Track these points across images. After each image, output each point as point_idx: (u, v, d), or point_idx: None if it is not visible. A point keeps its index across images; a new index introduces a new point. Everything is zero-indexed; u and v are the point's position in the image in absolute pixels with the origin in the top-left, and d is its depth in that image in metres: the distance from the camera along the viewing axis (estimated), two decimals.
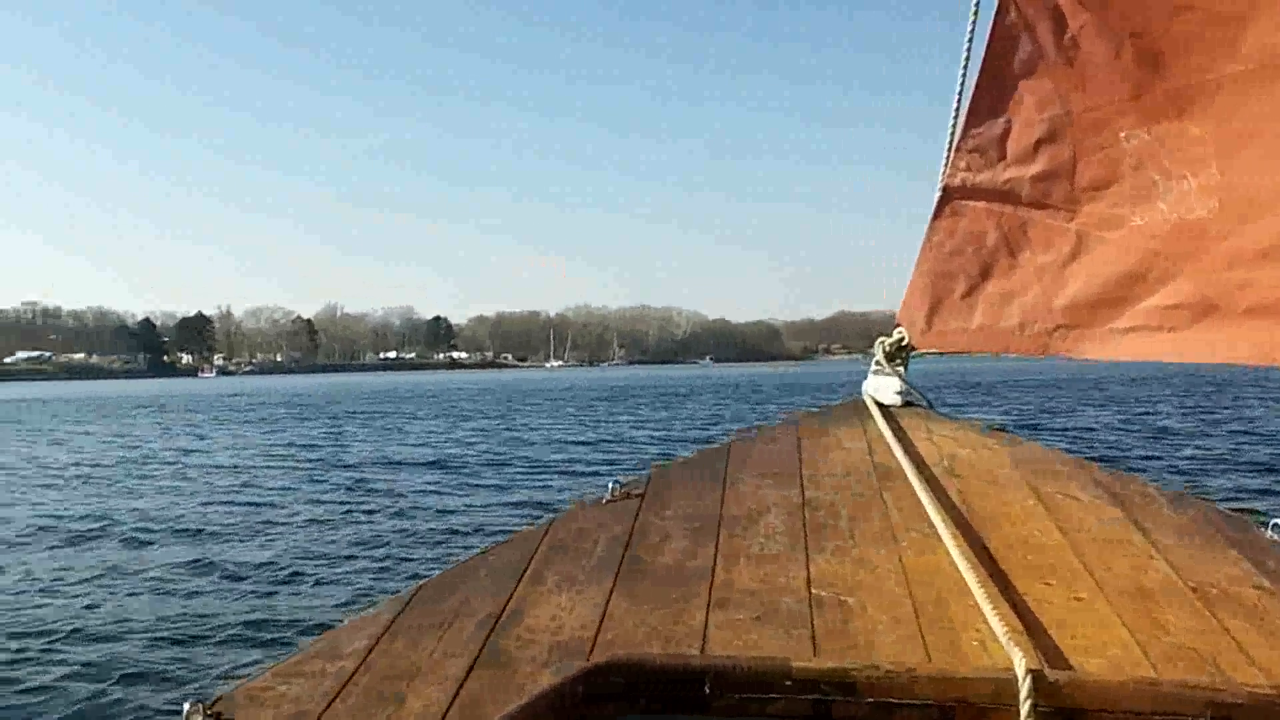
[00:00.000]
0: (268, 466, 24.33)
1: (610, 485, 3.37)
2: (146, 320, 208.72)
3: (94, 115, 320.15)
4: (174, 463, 26.10)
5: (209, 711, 2.11)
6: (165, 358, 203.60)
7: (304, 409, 56.58)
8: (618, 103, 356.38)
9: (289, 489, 19.59)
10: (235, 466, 24.66)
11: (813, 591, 2.53)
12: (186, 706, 2.10)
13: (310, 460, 25.63)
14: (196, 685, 7.61)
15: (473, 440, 30.68)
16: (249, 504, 17.67)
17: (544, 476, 20.73)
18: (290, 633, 9.05)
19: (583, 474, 21.19)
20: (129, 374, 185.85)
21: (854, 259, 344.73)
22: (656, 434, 31.88)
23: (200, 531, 14.77)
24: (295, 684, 2.24)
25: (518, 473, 21.40)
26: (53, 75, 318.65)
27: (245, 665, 8.07)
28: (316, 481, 20.80)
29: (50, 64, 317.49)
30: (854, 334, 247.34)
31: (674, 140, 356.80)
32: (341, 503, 17.30)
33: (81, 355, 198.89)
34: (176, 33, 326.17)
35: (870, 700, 2.01)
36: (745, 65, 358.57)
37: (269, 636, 9.02)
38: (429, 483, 19.97)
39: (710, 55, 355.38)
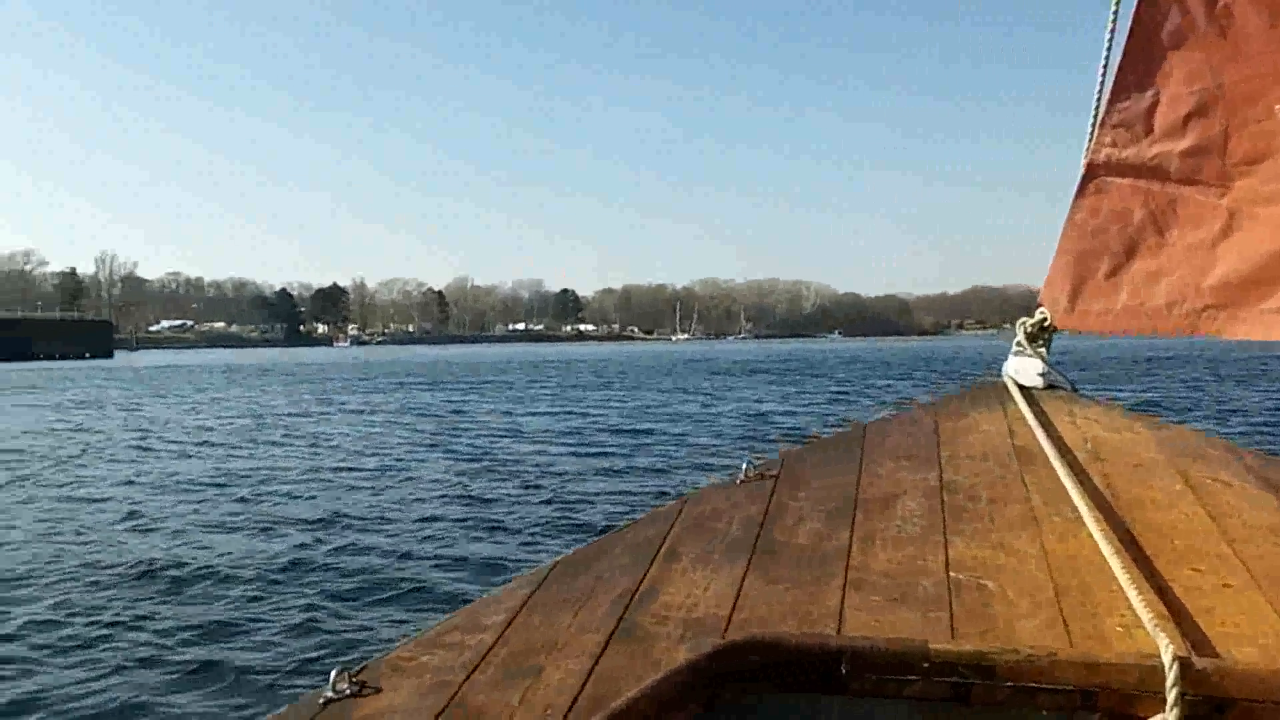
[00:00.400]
0: (398, 436, 24.64)
1: (744, 465, 3.34)
2: (284, 291, 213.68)
3: (234, 94, 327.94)
4: (308, 431, 26.71)
5: (354, 679, 2.15)
6: (301, 327, 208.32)
7: (435, 378, 57.42)
8: (756, 79, 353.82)
9: (420, 460, 19.77)
10: (365, 435, 25.11)
11: (951, 574, 2.49)
12: (333, 674, 2.14)
13: (441, 430, 25.85)
14: (340, 653, 7.66)
15: (600, 413, 30.77)
16: (380, 472, 17.90)
17: (673, 450, 20.58)
18: (428, 604, 9.06)
19: (710, 447, 20.99)
20: (267, 342, 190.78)
21: (991, 233, 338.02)
22: (784, 408, 31.61)
23: (334, 500, 14.98)
24: (437, 654, 2.27)
25: (646, 446, 21.30)
26: (158, 65, 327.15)
27: (386, 635, 8.07)
28: (448, 452, 20.98)
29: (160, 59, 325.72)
30: (988, 309, 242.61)
31: (804, 112, 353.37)
32: (473, 475, 17.32)
33: (222, 324, 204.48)
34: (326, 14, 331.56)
35: (1010, 684, 1.98)
36: (883, 39, 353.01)
37: (407, 608, 9.03)
38: (558, 455, 20.02)
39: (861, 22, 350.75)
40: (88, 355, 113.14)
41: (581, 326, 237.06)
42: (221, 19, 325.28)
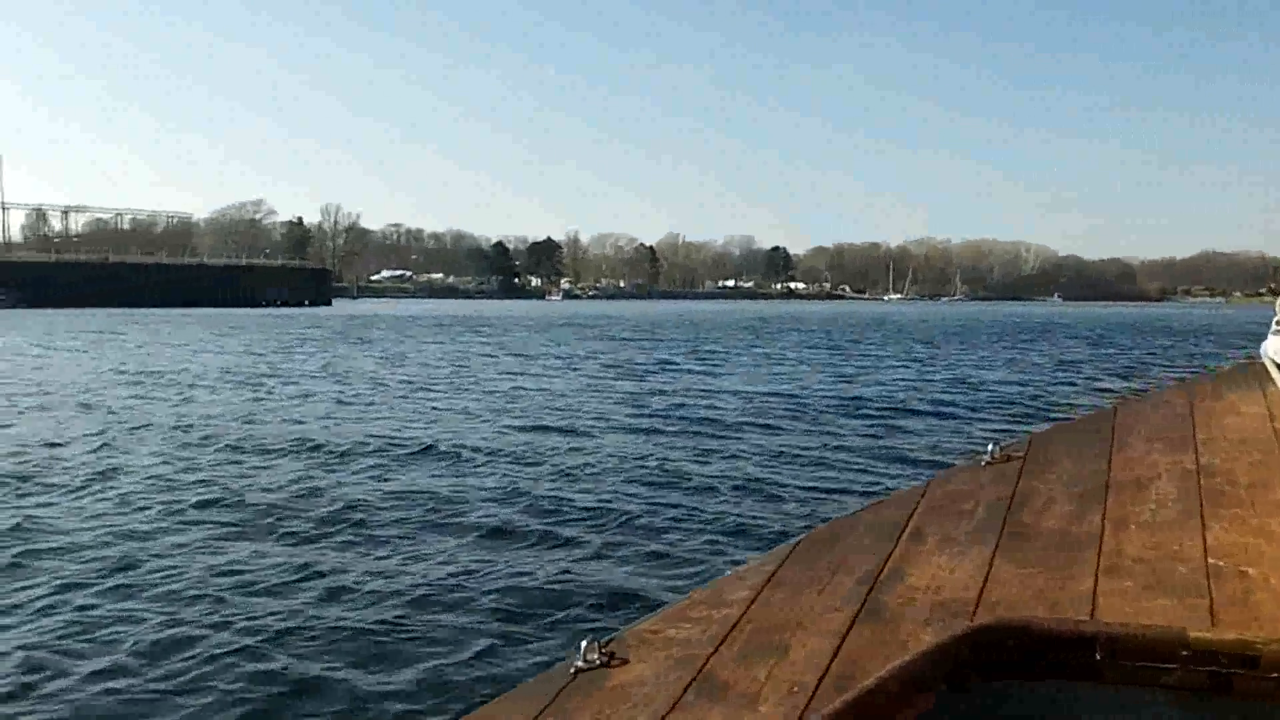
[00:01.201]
0: (612, 395, 23.51)
1: (989, 447, 3.29)
2: (500, 244, 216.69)
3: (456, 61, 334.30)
4: (511, 388, 25.80)
5: (603, 650, 2.21)
6: (516, 280, 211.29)
7: (645, 333, 56.63)
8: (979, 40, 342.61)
9: (635, 422, 18.55)
10: (581, 392, 24.10)
11: (1209, 561, 2.44)
12: (583, 644, 2.23)
13: (652, 390, 24.74)
14: (586, 624, 7.37)
15: (813, 376, 29.08)
16: (598, 435, 16.95)
17: (890, 421, 19.00)
18: (666, 577, 8.71)
19: (929, 416, 19.60)
20: (482, 294, 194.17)
21: (1222, 196, 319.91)
22: (1008, 377, 29.33)
23: (549, 462, 14.14)
24: (683, 628, 2.31)
25: (863, 415, 19.75)
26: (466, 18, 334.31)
27: (629, 608, 7.77)
28: (662, 415, 19.70)
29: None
30: (1218, 276, 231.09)
31: (1027, 75, 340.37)
32: (694, 440, 16.24)
33: (439, 275, 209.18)
34: None
35: (1276, 676, 1.89)
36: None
37: (643, 579, 8.68)
38: (775, 421, 18.62)
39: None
40: (307, 303, 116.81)
41: (792, 285, 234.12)
42: None
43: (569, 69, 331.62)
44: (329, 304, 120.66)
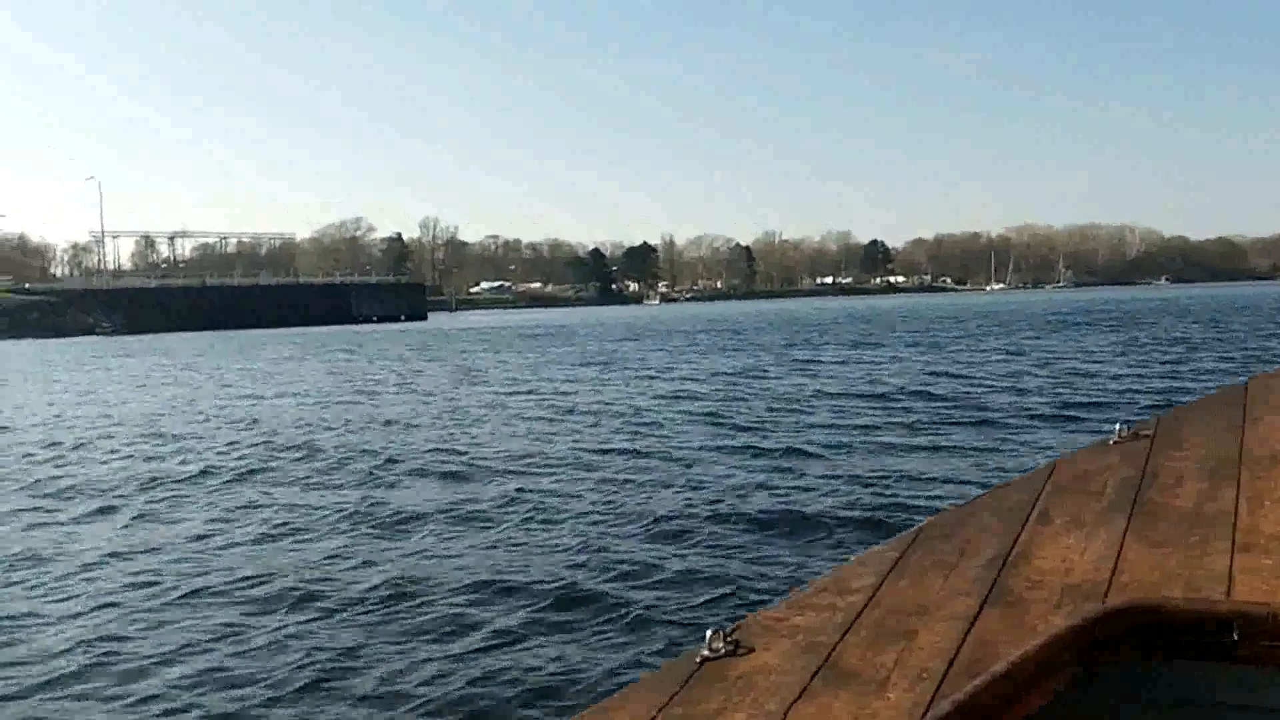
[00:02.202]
0: (716, 398, 23.03)
1: (1117, 426, 3.27)
2: (596, 250, 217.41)
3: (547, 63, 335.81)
4: (587, 399, 25.38)
5: (728, 638, 2.22)
6: (613, 286, 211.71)
7: (743, 336, 55.97)
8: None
9: (750, 423, 18.18)
10: (679, 396, 23.52)
11: None
12: (709, 633, 2.22)
13: (782, 386, 24.51)
14: (714, 613, 7.51)
15: (914, 371, 28.39)
16: (707, 434, 16.80)
17: (1008, 410, 18.55)
18: (791, 568, 8.74)
19: (1043, 405, 19.08)
20: (580, 301, 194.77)
21: None
22: (1125, 370, 27.76)
23: (644, 470, 13.94)
24: (808, 615, 2.32)
25: (981, 406, 19.36)
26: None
27: (753, 597, 7.86)
28: (794, 411, 19.44)
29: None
30: None
31: (1135, 53, 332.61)
32: (811, 441, 15.83)
33: (538, 284, 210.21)
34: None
35: None
36: None
37: (769, 571, 8.72)
38: (886, 418, 18.21)
39: None
40: (403, 318, 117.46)
41: (891, 278, 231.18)
42: None
43: (673, 65, 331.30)
44: (424, 319, 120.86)
